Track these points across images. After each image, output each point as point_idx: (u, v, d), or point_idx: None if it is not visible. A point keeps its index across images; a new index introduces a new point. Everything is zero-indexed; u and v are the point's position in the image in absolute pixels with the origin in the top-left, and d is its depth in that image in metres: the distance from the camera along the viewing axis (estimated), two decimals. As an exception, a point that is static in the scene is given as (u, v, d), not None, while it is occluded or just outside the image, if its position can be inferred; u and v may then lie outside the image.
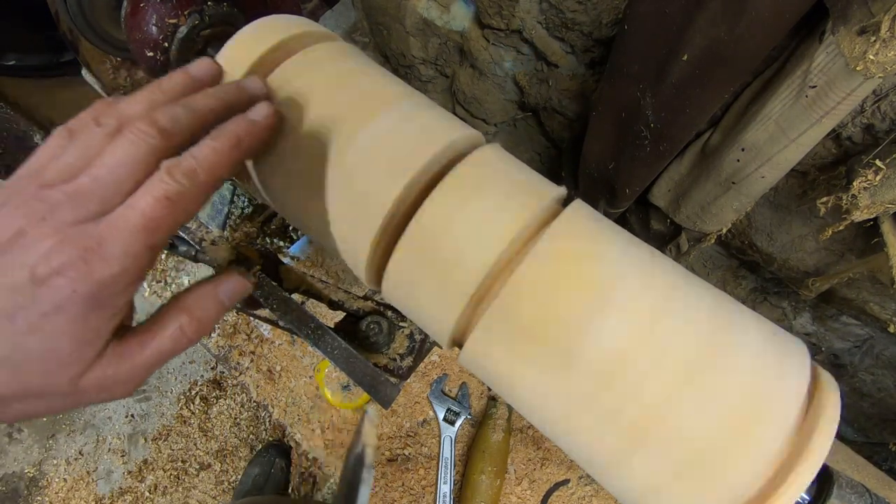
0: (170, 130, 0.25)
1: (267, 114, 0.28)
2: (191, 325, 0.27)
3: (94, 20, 0.46)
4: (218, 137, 0.26)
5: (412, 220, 0.28)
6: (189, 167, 0.25)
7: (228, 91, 0.29)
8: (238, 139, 0.27)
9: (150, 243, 0.24)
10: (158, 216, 0.24)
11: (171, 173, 0.24)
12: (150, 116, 0.25)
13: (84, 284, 0.22)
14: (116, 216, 0.23)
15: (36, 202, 0.23)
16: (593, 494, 0.84)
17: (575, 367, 0.25)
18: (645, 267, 0.27)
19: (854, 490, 0.27)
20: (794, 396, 0.24)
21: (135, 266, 0.24)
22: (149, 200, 0.24)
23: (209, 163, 0.25)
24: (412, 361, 0.42)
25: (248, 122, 0.27)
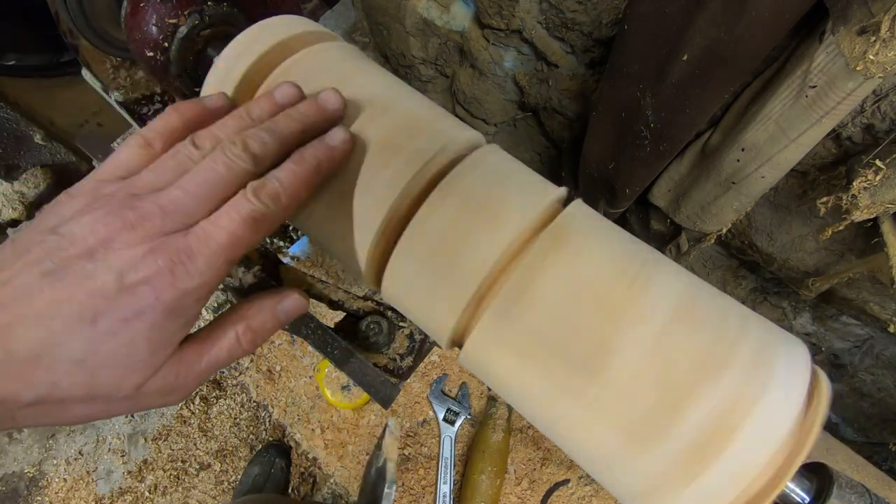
0: (259, 155, 0.26)
1: (344, 139, 0.29)
2: (246, 336, 0.28)
3: (94, 20, 0.46)
4: (300, 162, 0.27)
5: (412, 220, 0.28)
6: (274, 190, 0.26)
7: (308, 112, 0.29)
8: (318, 164, 0.27)
9: (231, 259, 0.25)
10: (242, 234, 0.25)
11: (257, 195, 0.25)
12: (244, 141, 0.26)
13: (167, 293, 0.23)
14: (203, 231, 0.24)
15: (127, 210, 0.24)
16: (593, 494, 0.84)
17: (575, 368, 0.25)
18: (645, 267, 0.27)
19: (854, 490, 0.27)
20: (794, 397, 0.24)
21: (214, 279, 0.25)
22: (235, 219, 0.25)
23: (292, 187, 0.26)
24: (412, 361, 0.42)
25: (327, 148, 0.28)
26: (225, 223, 0.25)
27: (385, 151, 0.29)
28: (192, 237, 0.24)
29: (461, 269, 0.27)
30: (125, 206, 0.24)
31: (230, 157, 0.26)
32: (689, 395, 0.24)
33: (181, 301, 0.24)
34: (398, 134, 0.29)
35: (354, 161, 0.29)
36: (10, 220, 0.82)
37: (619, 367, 0.25)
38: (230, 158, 0.26)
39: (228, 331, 0.28)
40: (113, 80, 0.55)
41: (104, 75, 0.55)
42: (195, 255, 0.24)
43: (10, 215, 0.82)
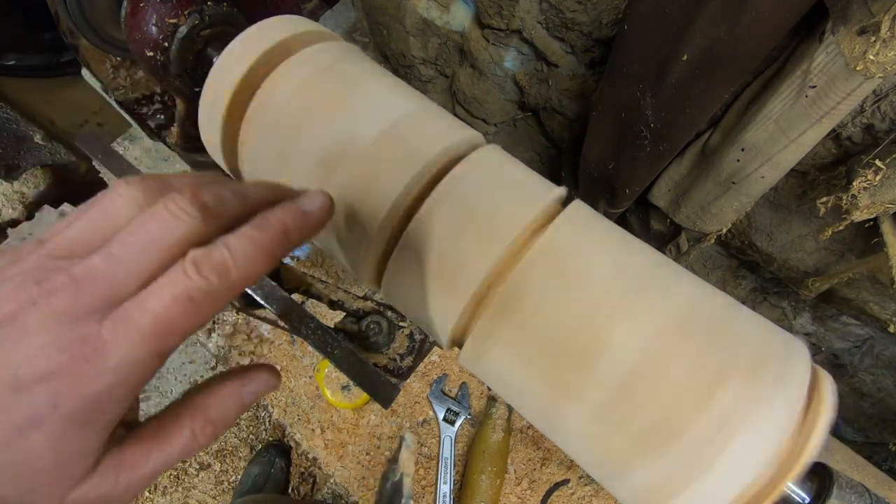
0: (212, 211, 0.21)
1: (322, 204, 0.24)
2: (205, 431, 0.23)
3: (94, 20, 0.46)
4: (261, 227, 0.22)
5: (412, 220, 0.28)
6: (220, 261, 0.20)
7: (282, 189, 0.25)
8: (285, 232, 0.22)
9: (159, 350, 0.20)
10: (174, 318, 0.20)
11: (197, 267, 0.20)
12: (193, 190, 0.21)
13: (68, 399, 0.19)
14: (123, 315, 0.19)
15: (32, 281, 0.19)
16: (593, 494, 0.84)
17: (575, 368, 0.25)
18: (645, 267, 0.27)
19: (854, 490, 0.27)
20: (794, 397, 0.24)
21: (135, 376, 0.20)
22: (165, 299, 0.19)
23: (246, 258, 0.21)
24: (412, 361, 0.42)
25: (299, 212, 0.23)
26: (152, 304, 0.19)
27: (385, 151, 0.29)
28: (108, 323, 0.19)
29: (461, 268, 0.27)
30: (34, 273, 0.20)
31: (173, 211, 0.20)
32: (688, 396, 0.24)
33: (89, 406, 0.19)
34: (398, 133, 0.29)
35: (354, 161, 0.29)
36: (10, 220, 0.82)
37: (619, 367, 0.25)
38: (173, 213, 0.20)
39: (183, 427, 0.22)
40: (113, 80, 0.55)
41: (104, 75, 0.55)
42: (107, 348, 0.19)
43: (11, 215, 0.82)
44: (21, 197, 0.82)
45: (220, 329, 1.05)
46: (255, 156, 0.33)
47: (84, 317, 0.19)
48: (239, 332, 1.06)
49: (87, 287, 0.19)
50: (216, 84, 0.33)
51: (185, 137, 0.50)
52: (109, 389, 0.19)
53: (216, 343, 1.04)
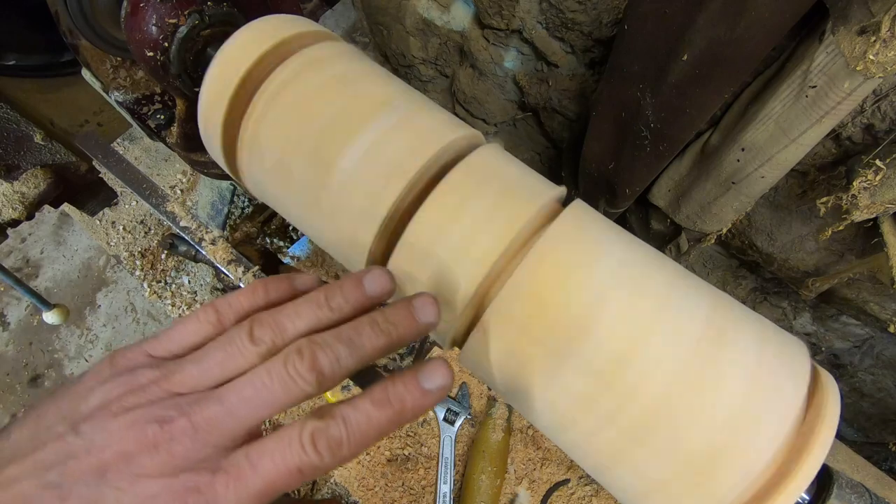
0: (327, 377, 0.22)
1: (443, 385, 0.23)
2: None
3: (94, 20, 0.46)
4: (380, 404, 0.22)
5: (412, 220, 0.28)
6: (337, 438, 0.21)
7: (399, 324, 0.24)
8: (402, 412, 0.22)
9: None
10: (281, 484, 0.20)
11: (315, 442, 0.20)
12: (313, 354, 0.21)
13: None
14: (237, 473, 0.20)
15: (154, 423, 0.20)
16: (593, 494, 0.84)
17: (574, 367, 0.25)
18: (645, 267, 0.27)
19: (854, 490, 0.27)
20: (793, 396, 0.24)
21: None
22: (278, 466, 0.20)
23: (360, 436, 0.21)
24: (412, 361, 0.42)
25: (420, 391, 0.22)
26: (266, 468, 0.20)
27: (385, 152, 0.29)
28: (221, 477, 0.20)
29: (461, 268, 0.27)
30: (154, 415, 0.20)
31: (291, 373, 0.21)
32: (689, 396, 0.24)
33: None
34: (398, 133, 0.29)
35: (354, 162, 0.29)
36: (10, 220, 0.82)
37: (618, 367, 0.24)
38: (290, 376, 0.21)
39: None
40: (113, 80, 0.55)
41: (104, 75, 0.55)
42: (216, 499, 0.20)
43: (11, 215, 0.82)
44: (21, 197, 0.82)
45: (220, 329, 1.05)
46: (254, 156, 0.33)
47: (199, 466, 0.20)
48: (239, 332, 1.05)
49: (204, 436, 0.20)
50: (215, 84, 0.33)
51: (185, 137, 0.50)
52: None
53: (216, 343, 1.04)
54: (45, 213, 1.58)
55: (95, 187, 0.89)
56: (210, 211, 1.07)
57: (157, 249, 1.10)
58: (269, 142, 0.31)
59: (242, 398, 0.21)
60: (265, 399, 0.21)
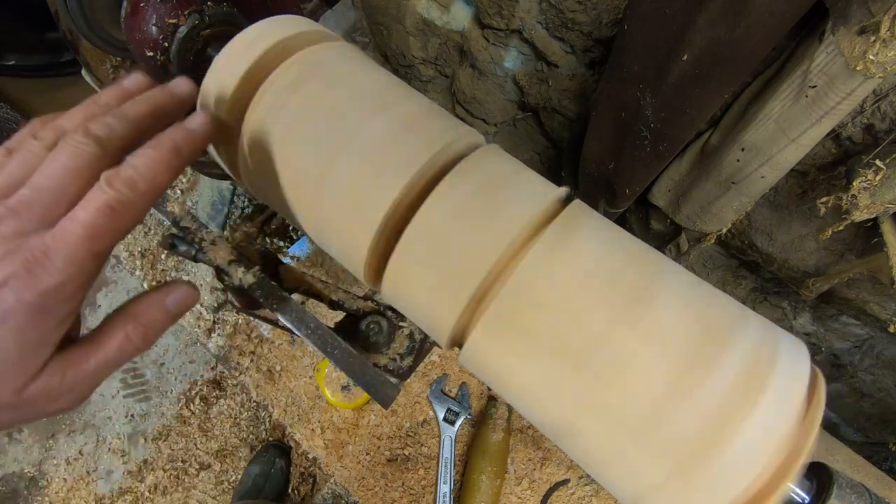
0: (104, 138, 0.26)
1: (203, 121, 0.29)
2: (136, 332, 0.27)
3: (94, 20, 0.46)
4: (156, 147, 0.27)
5: (412, 220, 0.28)
6: (128, 176, 0.25)
7: (155, 95, 0.29)
8: (176, 147, 0.27)
9: (94, 251, 0.24)
10: (100, 225, 0.24)
11: (110, 182, 0.25)
12: (85, 126, 0.26)
13: (28, 294, 0.23)
14: (59, 227, 0.24)
15: None
16: (593, 494, 0.84)
17: (575, 367, 0.25)
18: (645, 267, 0.27)
19: (854, 490, 0.27)
20: (793, 396, 0.24)
21: (79, 274, 0.24)
22: (90, 210, 0.24)
23: (148, 171, 0.26)
24: (412, 361, 0.42)
25: (185, 130, 0.28)
26: (81, 216, 0.24)
27: (384, 151, 0.29)
28: (49, 235, 0.24)
29: (461, 268, 0.27)
30: None
31: (73, 144, 0.25)
32: (689, 396, 0.24)
33: (45, 300, 0.23)
34: (398, 133, 0.29)
35: (353, 162, 0.29)
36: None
37: (619, 367, 0.25)
38: (73, 146, 0.25)
39: (117, 329, 0.27)
40: (113, 80, 0.55)
41: (104, 75, 0.55)
42: (52, 252, 0.23)
43: (10, 215, 0.82)
44: (21, 197, 0.82)
45: (220, 329, 1.05)
46: (254, 156, 0.33)
47: (28, 234, 0.24)
48: (239, 332, 1.05)
49: (23, 213, 0.24)
50: (215, 84, 0.33)
51: (185, 137, 0.50)
52: (60, 286, 0.24)
53: (216, 343, 1.04)
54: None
55: (95, 187, 0.89)
56: (210, 211, 1.07)
57: (157, 249, 1.10)
58: (269, 142, 0.31)
59: (43, 175, 0.25)
60: (60, 170, 0.25)
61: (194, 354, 1.55)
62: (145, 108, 0.28)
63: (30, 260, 0.23)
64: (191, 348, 1.56)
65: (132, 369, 1.55)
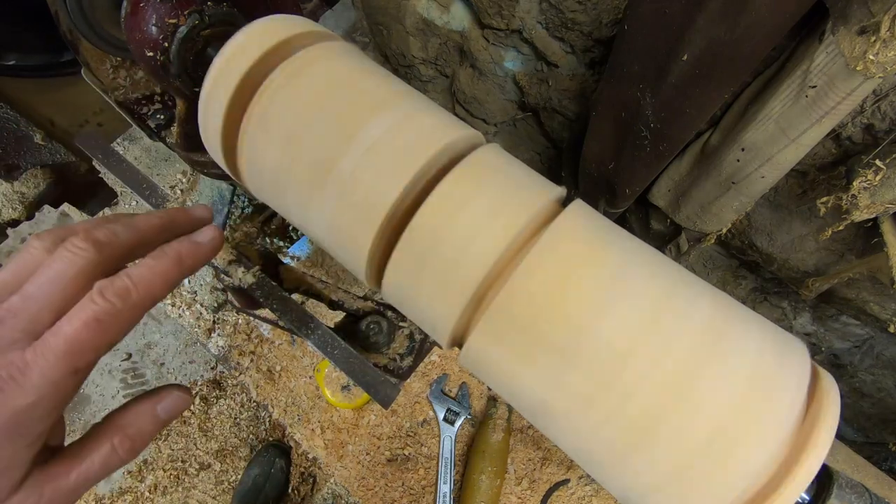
0: (105, 244, 0.25)
1: (213, 236, 0.28)
2: (123, 445, 0.26)
3: (94, 20, 0.46)
4: (158, 257, 0.26)
5: (412, 220, 0.28)
6: (122, 286, 0.24)
7: (171, 211, 0.29)
8: (179, 259, 0.26)
9: (75, 367, 0.23)
10: (85, 339, 0.23)
11: (102, 293, 0.23)
12: (86, 230, 0.25)
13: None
14: (41, 342, 0.23)
15: None
16: (593, 494, 0.84)
17: (575, 367, 0.25)
18: (645, 267, 0.27)
19: (854, 490, 0.27)
20: (793, 396, 0.24)
21: (55, 393, 0.23)
22: (75, 324, 0.23)
23: (145, 282, 0.25)
24: (412, 361, 0.42)
25: (192, 243, 0.27)
26: (65, 329, 0.22)
27: (384, 152, 0.29)
28: (30, 350, 0.22)
29: (461, 268, 0.27)
30: None
31: (71, 249, 0.24)
32: (689, 396, 0.24)
33: (16, 420, 0.22)
34: (398, 133, 0.29)
35: (353, 162, 0.29)
36: (10, 220, 0.82)
37: (619, 367, 0.25)
38: (70, 251, 0.24)
39: (103, 442, 0.25)
40: (113, 80, 0.55)
41: (104, 75, 0.55)
42: (29, 369, 0.22)
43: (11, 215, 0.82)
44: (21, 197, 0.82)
45: (220, 329, 1.05)
46: (254, 156, 0.33)
47: (9, 346, 0.22)
48: (239, 332, 1.05)
49: (9, 322, 0.22)
50: (215, 84, 0.33)
51: (185, 137, 0.50)
52: (34, 404, 0.22)
53: (216, 343, 1.04)
54: (45, 213, 1.58)
55: (95, 187, 0.89)
56: (210, 211, 1.06)
57: (157, 249, 1.09)
58: (269, 142, 0.31)
59: (34, 283, 0.23)
60: (53, 276, 0.23)
61: (194, 354, 1.55)
62: (156, 221, 0.27)
63: (4, 377, 0.22)
64: (191, 348, 1.56)
65: (132, 370, 1.55)
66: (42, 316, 0.23)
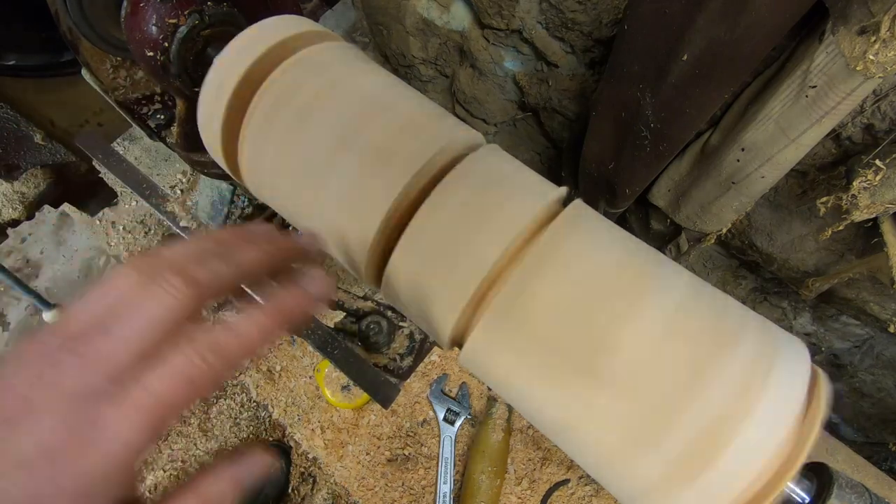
0: (206, 287, 0.22)
1: (326, 290, 0.25)
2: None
3: (94, 20, 0.46)
4: (269, 312, 0.23)
5: (412, 220, 0.28)
6: (223, 344, 0.21)
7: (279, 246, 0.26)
8: (290, 317, 0.23)
9: (157, 428, 0.20)
10: (172, 398, 0.20)
11: (198, 349, 0.21)
12: (184, 268, 0.22)
13: (69, 477, 0.19)
14: (126, 394, 0.20)
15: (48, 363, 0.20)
16: (593, 494, 0.84)
17: (574, 367, 0.25)
18: (645, 267, 0.27)
19: (854, 490, 0.27)
20: (793, 397, 0.24)
21: (133, 454, 0.20)
22: (165, 380, 0.20)
23: (247, 339, 0.22)
24: (412, 361, 0.42)
25: (306, 298, 0.24)
26: (154, 385, 0.20)
27: (385, 151, 0.29)
28: (113, 407, 0.20)
29: (461, 268, 0.27)
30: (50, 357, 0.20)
31: (168, 290, 0.21)
32: (689, 397, 0.24)
33: (89, 484, 0.19)
34: (398, 133, 0.29)
35: (353, 162, 0.29)
36: (10, 220, 0.82)
37: (619, 367, 0.24)
38: (168, 292, 0.21)
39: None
40: (113, 80, 0.55)
41: (104, 75, 0.55)
42: (109, 427, 0.19)
43: (11, 215, 0.82)
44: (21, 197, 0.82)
45: (220, 329, 1.05)
46: (254, 156, 0.33)
47: (90, 396, 0.20)
48: (239, 332, 1.05)
49: (92, 366, 0.20)
50: (216, 84, 0.33)
51: (185, 137, 0.50)
52: (109, 468, 0.20)
53: (216, 343, 1.04)
54: (45, 213, 1.58)
55: (95, 187, 0.89)
56: (210, 211, 1.06)
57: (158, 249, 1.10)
58: (270, 141, 0.31)
59: (123, 324, 0.21)
60: (145, 318, 0.21)
61: (194, 354, 1.55)
62: (262, 256, 0.25)
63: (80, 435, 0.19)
64: (191, 348, 1.56)
65: (132, 369, 1.55)
66: (130, 362, 0.21)
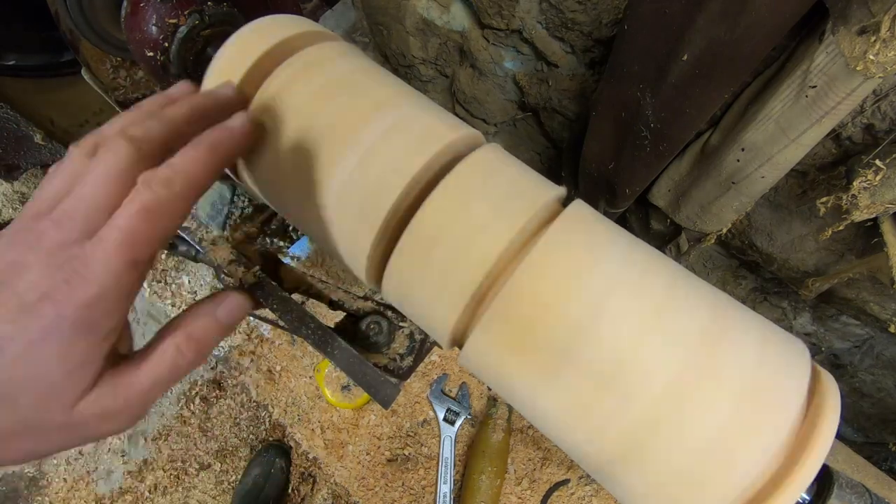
0: (142, 139, 0.26)
1: (243, 122, 0.29)
2: (188, 345, 0.27)
3: (94, 20, 0.46)
4: (195, 146, 0.26)
5: (412, 220, 0.28)
6: (165, 176, 0.25)
7: (198, 98, 0.29)
8: (214, 147, 0.27)
9: (131, 258, 0.24)
10: (138, 230, 0.24)
11: (147, 184, 0.24)
12: (123, 130, 0.26)
13: (68, 308, 0.22)
14: (98, 236, 0.23)
15: (26, 233, 0.24)
16: (593, 494, 0.84)
17: (575, 368, 0.25)
18: (645, 267, 0.27)
19: (854, 490, 0.27)
20: (794, 397, 0.24)
21: (118, 285, 0.23)
22: (125, 215, 0.24)
23: (186, 171, 0.25)
24: (412, 361, 0.42)
25: (225, 129, 0.28)
26: (118, 221, 0.23)
27: (385, 152, 0.29)
28: (89, 244, 0.23)
29: (461, 268, 0.27)
30: (25, 229, 0.24)
31: (111, 149, 0.25)
32: (690, 397, 0.24)
33: (87, 314, 0.23)
34: (398, 134, 0.29)
35: (353, 162, 0.29)
36: (10, 220, 0.82)
37: (619, 367, 0.24)
38: (111, 151, 0.25)
39: (167, 344, 0.26)
40: (113, 80, 0.55)
41: (104, 75, 0.55)
42: (90, 261, 0.23)
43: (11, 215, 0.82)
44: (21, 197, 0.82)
45: (220, 329, 1.05)
46: (254, 155, 0.33)
47: (69, 245, 0.23)
48: (239, 332, 1.05)
49: (66, 223, 0.24)
50: (215, 84, 0.33)
51: (185, 137, 0.50)
52: (100, 296, 0.23)
53: (216, 343, 1.04)
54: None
55: (95, 187, 0.89)
56: (210, 211, 1.07)
57: (157, 249, 1.10)
58: (269, 141, 0.31)
59: (84, 184, 0.24)
60: (98, 177, 0.24)
61: (194, 354, 1.55)
62: (185, 109, 0.28)
63: (70, 271, 0.23)
64: (191, 348, 1.56)
65: (132, 369, 1.55)
66: (96, 215, 0.24)
